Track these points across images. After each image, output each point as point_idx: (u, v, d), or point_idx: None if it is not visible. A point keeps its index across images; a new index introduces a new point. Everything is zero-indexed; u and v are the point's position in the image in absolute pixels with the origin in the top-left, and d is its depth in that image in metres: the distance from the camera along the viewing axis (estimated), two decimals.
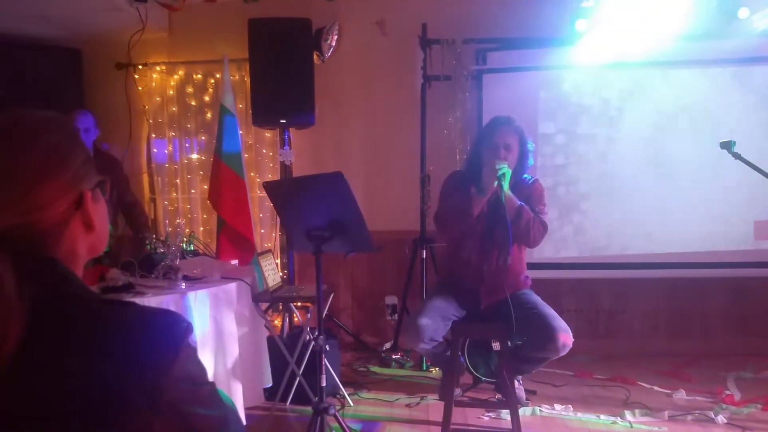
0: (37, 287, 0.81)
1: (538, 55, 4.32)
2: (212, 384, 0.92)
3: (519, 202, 2.97)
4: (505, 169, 2.92)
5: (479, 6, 4.43)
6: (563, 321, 2.88)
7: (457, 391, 3.28)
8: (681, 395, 3.56)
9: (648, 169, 4.38)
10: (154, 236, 3.34)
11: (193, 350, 0.89)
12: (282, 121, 4.12)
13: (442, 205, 3.16)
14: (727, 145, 2.46)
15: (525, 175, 3.15)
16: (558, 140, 4.42)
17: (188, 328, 0.88)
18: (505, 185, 2.92)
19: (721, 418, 3.20)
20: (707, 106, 4.31)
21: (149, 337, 0.84)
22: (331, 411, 2.70)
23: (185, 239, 3.47)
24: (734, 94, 4.30)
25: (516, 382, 3.14)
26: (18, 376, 0.76)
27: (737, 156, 2.48)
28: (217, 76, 4.63)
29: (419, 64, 4.33)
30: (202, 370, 0.90)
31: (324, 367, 2.72)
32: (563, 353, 2.86)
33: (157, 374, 0.81)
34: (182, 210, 4.81)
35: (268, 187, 2.68)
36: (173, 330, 0.87)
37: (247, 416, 3.12)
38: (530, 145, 3.12)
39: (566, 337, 2.82)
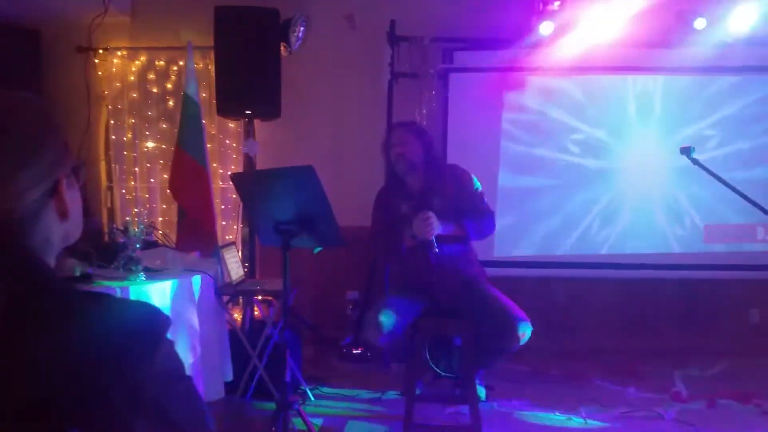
0: (11, 278, 0.78)
1: (504, 57, 4.39)
2: (190, 378, 0.90)
3: (453, 225, 3.00)
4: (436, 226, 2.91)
5: (447, 5, 4.45)
6: (521, 310, 2.93)
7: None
8: (632, 392, 3.67)
9: (604, 172, 4.50)
10: (114, 226, 3.24)
11: (171, 344, 0.87)
12: (247, 111, 4.06)
13: (373, 231, 3.24)
14: (686, 151, 2.52)
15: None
16: (519, 140, 4.50)
17: (166, 322, 0.87)
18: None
19: (669, 415, 3.31)
20: (665, 113, 4.45)
21: (128, 330, 0.82)
22: (295, 406, 2.69)
23: (145, 229, 3.38)
24: (691, 101, 4.45)
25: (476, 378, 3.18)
26: None
27: (696, 161, 2.56)
28: (181, 63, 4.53)
29: (387, 60, 4.34)
30: (181, 364, 0.88)
31: (288, 362, 2.71)
32: (523, 342, 2.89)
33: (136, 369, 0.79)
34: (141, 199, 4.70)
35: (235, 178, 2.65)
36: (152, 323, 0.85)
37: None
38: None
39: (524, 325, 2.87)
